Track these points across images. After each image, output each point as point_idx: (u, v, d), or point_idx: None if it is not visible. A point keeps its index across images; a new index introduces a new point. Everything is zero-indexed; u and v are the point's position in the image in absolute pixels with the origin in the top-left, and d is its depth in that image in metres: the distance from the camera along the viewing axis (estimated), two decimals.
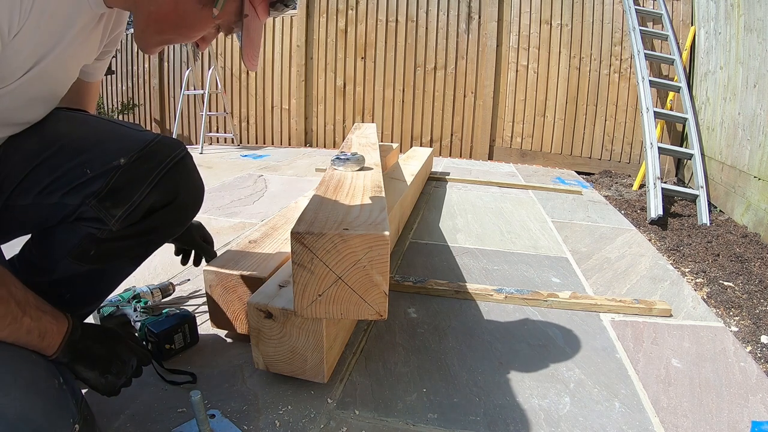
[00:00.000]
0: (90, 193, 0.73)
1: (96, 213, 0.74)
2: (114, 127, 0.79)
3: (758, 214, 2.36)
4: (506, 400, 0.96)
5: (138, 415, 0.87)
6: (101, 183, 0.73)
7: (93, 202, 0.73)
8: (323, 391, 0.95)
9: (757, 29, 2.56)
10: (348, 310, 0.85)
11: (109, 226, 0.75)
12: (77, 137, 0.75)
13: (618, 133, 4.03)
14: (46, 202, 0.74)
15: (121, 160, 0.73)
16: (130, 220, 0.76)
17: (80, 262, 0.80)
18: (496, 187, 3.03)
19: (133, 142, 0.75)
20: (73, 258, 0.79)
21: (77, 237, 0.78)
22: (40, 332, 0.64)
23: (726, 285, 1.71)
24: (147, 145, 0.75)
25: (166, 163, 0.76)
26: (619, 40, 3.92)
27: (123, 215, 0.75)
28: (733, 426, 0.91)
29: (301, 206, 1.49)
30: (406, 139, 4.50)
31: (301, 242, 0.83)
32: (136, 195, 0.74)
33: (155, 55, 5.25)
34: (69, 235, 0.78)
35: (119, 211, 0.74)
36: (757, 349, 1.27)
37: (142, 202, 0.75)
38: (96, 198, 0.73)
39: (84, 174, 0.72)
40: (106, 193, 0.73)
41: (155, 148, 0.76)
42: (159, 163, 0.75)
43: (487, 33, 4.18)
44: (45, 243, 0.82)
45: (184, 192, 0.80)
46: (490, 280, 1.55)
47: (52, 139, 0.74)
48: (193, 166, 0.81)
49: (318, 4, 4.54)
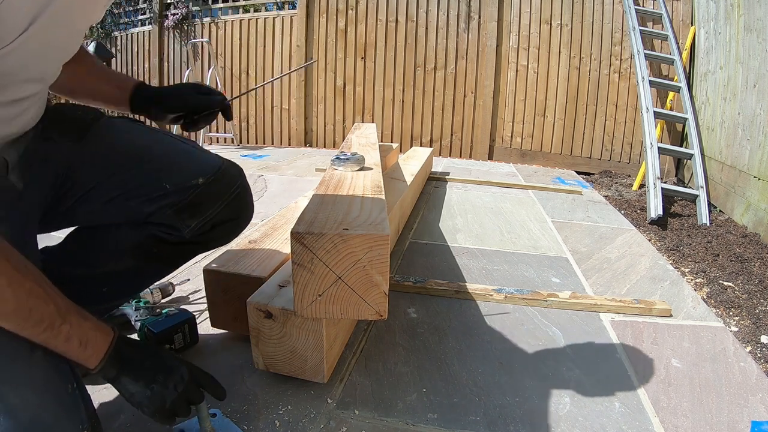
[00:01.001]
0: (167, 204, 0.85)
1: (171, 221, 0.86)
2: (185, 147, 0.91)
3: (758, 214, 2.36)
4: (506, 400, 0.96)
5: (137, 415, 0.86)
6: (180, 197, 0.85)
7: (170, 212, 0.85)
8: (323, 391, 0.95)
9: (757, 29, 2.56)
10: (348, 310, 0.85)
11: (183, 233, 0.88)
12: (155, 156, 0.86)
13: (618, 133, 4.03)
14: (119, 207, 0.84)
15: (200, 180, 0.86)
16: (201, 230, 0.89)
17: (137, 258, 0.89)
18: (496, 187, 3.03)
19: (206, 165, 0.88)
20: (131, 254, 0.89)
21: (141, 236, 0.88)
22: (81, 341, 0.63)
23: (726, 285, 1.71)
24: (219, 169, 0.89)
25: (236, 186, 0.91)
26: (619, 40, 3.92)
27: (197, 226, 0.88)
28: (733, 426, 0.91)
29: (301, 206, 1.49)
30: (406, 139, 4.50)
31: (301, 242, 0.83)
32: (210, 210, 0.88)
33: (155, 55, 5.25)
34: (131, 234, 0.88)
35: (194, 222, 0.87)
36: (757, 349, 1.27)
37: (214, 217, 0.89)
38: (173, 209, 0.85)
39: (163, 188, 0.84)
40: (185, 206, 0.86)
41: (226, 172, 0.90)
42: (229, 186, 0.90)
43: (487, 33, 4.18)
44: (99, 238, 0.90)
45: (245, 212, 0.96)
46: (490, 280, 1.55)
47: (128, 154, 0.85)
48: (250, 189, 0.97)
49: (318, 4, 4.54)
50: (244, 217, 0.96)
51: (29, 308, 0.58)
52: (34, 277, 0.60)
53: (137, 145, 0.87)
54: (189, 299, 1.32)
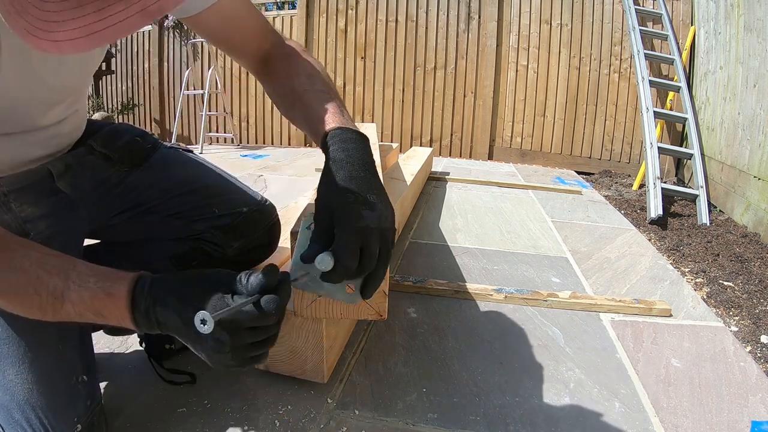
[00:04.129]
0: (216, 225, 0.97)
1: (217, 239, 0.98)
2: (231, 182, 1.04)
3: (758, 214, 2.36)
4: (506, 400, 0.96)
5: (138, 415, 0.87)
6: (227, 220, 0.97)
7: (218, 233, 0.97)
8: (323, 391, 0.95)
9: (756, 29, 2.55)
10: (348, 310, 0.85)
11: (226, 251, 0.99)
12: (208, 185, 0.99)
13: (618, 132, 4.03)
14: (175, 223, 0.96)
15: (244, 209, 0.99)
16: (241, 250, 1.00)
17: (177, 265, 0.98)
18: (496, 186, 3.03)
19: (249, 198, 1.02)
20: (173, 261, 0.97)
21: (186, 248, 0.98)
22: (95, 313, 0.58)
23: (726, 285, 1.71)
24: (259, 202, 1.03)
25: (273, 218, 1.05)
26: (619, 40, 3.92)
27: (238, 246, 0.99)
28: (733, 426, 0.91)
29: (301, 206, 1.49)
30: (406, 139, 4.50)
31: None
32: (252, 234, 1.00)
33: (155, 55, 5.25)
34: (177, 245, 0.98)
35: (237, 243, 0.99)
36: (757, 349, 1.27)
37: (253, 240, 1.01)
38: (221, 230, 0.97)
39: (212, 212, 0.96)
40: (230, 228, 0.98)
41: (264, 207, 1.04)
42: (268, 217, 1.04)
43: (487, 33, 4.18)
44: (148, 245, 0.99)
45: (276, 239, 1.08)
46: (489, 280, 1.55)
47: (184, 182, 0.96)
48: (280, 222, 1.10)
49: (318, 4, 4.54)
50: (275, 243, 1.09)
51: (20, 302, 0.58)
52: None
53: (191, 174, 0.98)
54: None
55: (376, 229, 0.62)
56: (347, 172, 0.65)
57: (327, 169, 0.67)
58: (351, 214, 0.61)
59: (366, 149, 0.70)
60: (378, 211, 0.63)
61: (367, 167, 0.67)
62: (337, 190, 0.63)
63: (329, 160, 0.67)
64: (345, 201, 0.63)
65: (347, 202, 0.62)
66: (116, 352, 1.06)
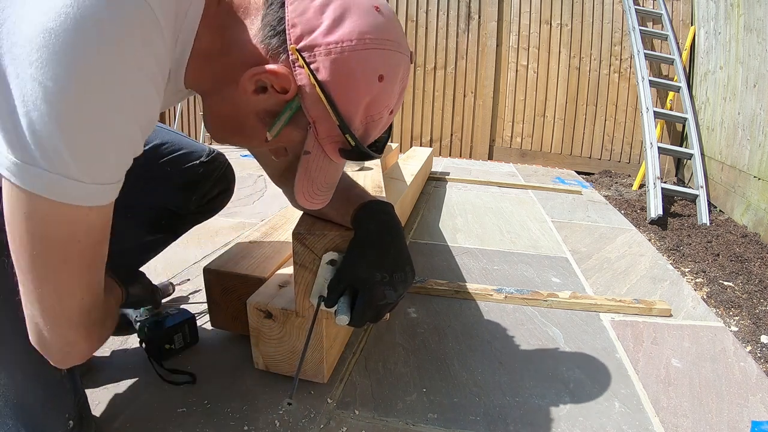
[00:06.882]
0: (174, 184, 1.01)
1: (178, 198, 1.02)
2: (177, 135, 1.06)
3: (758, 214, 2.36)
4: (506, 400, 0.96)
5: (137, 415, 0.87)
6: (184, 178, 1.01)
7: (179, 194, 1.02)
8: (323, 391, 0.95)
9: (756, 29, 2.56)
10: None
11: (189, 206, 1.04)
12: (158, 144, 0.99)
13: (618, 133, 4.03)
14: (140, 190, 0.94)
15: (197, 162, 1.02)
16: (201, 202, 1.06)
17: (151, 230, 1.04)
18: (496, 186, 3.03)
19: (200, 151, 1.04)
20: (146, 227, 1.02)
21: (153, 212, 1.02)
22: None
23: (726, 285, 1.71)
24: (209, 153, 1.05)
25: (224, 165, 1.08)
26: (619, 40, 3.92)
27: (197, 199, 1.04)
28: (733, 426, 0.91)
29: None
30: (406, 139, 4.50)
31: (302, 243, 0.83)
32: (207, 187, 1.05)
33: None
34: (147, 211, 1.01)
35: (195, 196, 1.04)
36: (757, 349, 1.28)
37: (210, 191, 1.06)
38: (181, 190, 1.02)
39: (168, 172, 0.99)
40: (188, 185, 1.02)
41: (215, 156, 1.06)
42: (220, 166, 1.07)
43: (487, 33, 4.18)
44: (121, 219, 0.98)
45: (232, 183, 1.13)
46: (490, 280, 1.55)
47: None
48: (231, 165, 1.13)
49: None
50: (232, 187, 1.14)
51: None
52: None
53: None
54: (189, 299, 1.32)
55: (393, 303, 0.77)
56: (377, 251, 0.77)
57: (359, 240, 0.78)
58: (375, 294, 0.74)
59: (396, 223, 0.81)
60: (400, 290, 0.76)
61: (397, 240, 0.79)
62: (366, 269, 0.75)
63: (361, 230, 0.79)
64: (372, 281, 0.74)
65: (374, 282, 0.74)
66: (116, 351, 1.06)
